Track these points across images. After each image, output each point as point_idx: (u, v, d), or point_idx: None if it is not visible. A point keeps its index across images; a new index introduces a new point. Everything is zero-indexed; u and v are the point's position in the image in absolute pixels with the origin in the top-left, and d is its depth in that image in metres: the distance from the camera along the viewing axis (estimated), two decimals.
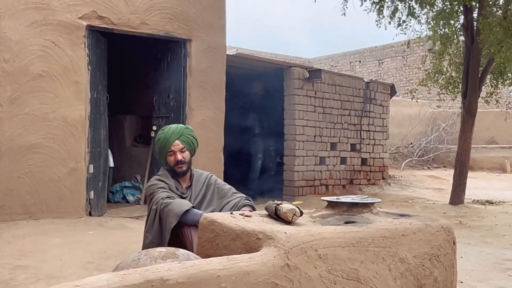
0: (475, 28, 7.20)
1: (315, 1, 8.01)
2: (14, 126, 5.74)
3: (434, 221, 2.62)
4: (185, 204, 3.05)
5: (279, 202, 2.42)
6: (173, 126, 3.41)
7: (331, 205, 2.70)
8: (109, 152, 7.41)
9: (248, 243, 2.17)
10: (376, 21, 8.11)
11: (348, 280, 2.20)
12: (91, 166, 6.30)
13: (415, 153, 17.20)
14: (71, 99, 6.10)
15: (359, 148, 10.16)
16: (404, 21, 7.96)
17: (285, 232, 2.09)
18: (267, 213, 2.47)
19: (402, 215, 2.73)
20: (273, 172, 9.33)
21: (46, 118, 5.92)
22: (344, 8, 7.59)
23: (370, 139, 10.36)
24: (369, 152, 10.37)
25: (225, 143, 7.52)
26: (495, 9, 7.13)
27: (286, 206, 2.34)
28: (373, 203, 2.69)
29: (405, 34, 8.63)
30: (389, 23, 7.99)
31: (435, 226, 2.58)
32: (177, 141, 3.29)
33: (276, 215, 2.39)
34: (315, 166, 9.32)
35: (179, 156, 3.29)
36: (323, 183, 9.46)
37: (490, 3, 7.03)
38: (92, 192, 6.30)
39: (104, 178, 6.80)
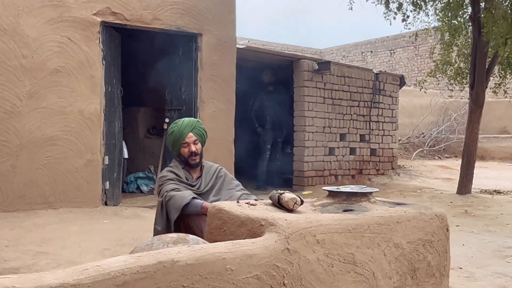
0: (481, 20, 7.27)
1: None
2: (33, 119, 5.98)
3: (428, 210, 2.79)
4: (187, 196, 3.23)
5: (282, 191, 2.60)
6: (186, 119, 3.57)
7: (332, 194, 2.87)
8: (124, 143, 7.64)
9: (252, 229, 2.36)
10: (384, 13, 8.21)
11: (345, 263, 2.38)
12: (106, 157, 6.54)
13: (426, 143, 17.23)
14: (86, 93, 6.32)
15: (368, 138, 10.29)
16: (408, 16, 8.03)
17: (286, 219, 2.27)
18: (271, 202, 2.65)
19: (398, 204, 2.90)
20: (278, 162, 9.51)
21: (63, 111, 6.15)
22: (351, 3, 7.70)
23: (379, 129, 10.47)
24: (378, 143, 10.49)
25: (234, 134, 7.71)
26: (502, 0, 7.18)
27: (288, 195, 2.52)
28: (371, 193, 2.86)
29: (409, 29, 8.68)
30: (394, 18, 8.08)
31: (429, 214, 2.75)
32: (190, 133, 3.46)
33: (279, 204, 2.57)
34: (325, 157, 9.47)
35: (193, 148, 3.46)
36: (333, 173, 9.63)
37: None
38: (107, 183, 6.54)
39: (119, 169, 7.04)
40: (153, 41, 8.29)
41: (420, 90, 10.83)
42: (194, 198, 3.25)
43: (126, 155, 7.96)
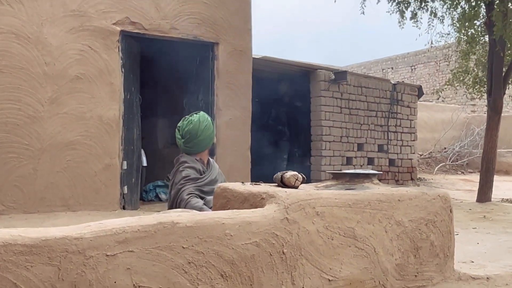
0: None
1: (335, 1, 8.24)
2: (54, 124, 6.18)
3: (431, 190, 2.82)
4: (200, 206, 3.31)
5: (285, 171, 2.67)
6: (202, 113, 3.66)
7: (336, 176, 2.93)
8: (142, 152, 7.80)
9: (255, 203, 2.42)
10: (399, 22, 8.28)
11: (345, 237, 2.42)
12: (125, 162, 6.69)
13: (449, 158, 17.03)
14: (106, 100, 6.51)
15: (387, 149, 10.26)
16: (417, 19, 8.07)
17: (286, 191, 2.34)
18: (276, 184, 2.72)
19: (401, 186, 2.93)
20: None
21: (83, 117, 6.34)
22: (362, 7, 7.81)
23: (397, 140, 10.44)
24: (397, 153, 10.44)
25: (250, 143, 7.80)
26: None
27: (290, 173, 2.59)
28: (374, 174, 2.91)
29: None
30: (408, 19, 8.07)
31: (431, 194, 2.77)
32: None
33: (282, 183, 2.64)
34: (342, 166, 9.47)
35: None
36: None
37: None
38: (125, 187, 6.68)
39: (137, 175, 7.18)
40: (172, 50, 8.49)
41: (438, 99, 10.79)
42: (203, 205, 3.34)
43: (145, 163, 8.11)
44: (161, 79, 9.22)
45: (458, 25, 8.91)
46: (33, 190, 6.02)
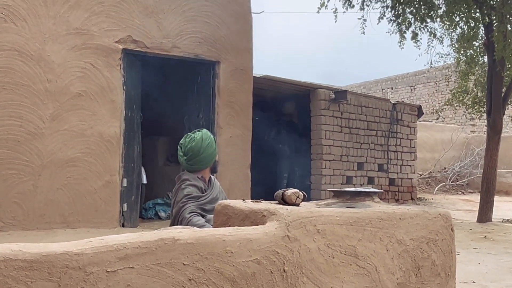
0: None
1: (335, 21, 8.34)
2: (55, 141, 6.19)
3: (432, 209, 2.81)
4: (201, 224, 3.29)
5: (286, 189, 2.67)
6: (205, 131, 3.65)
7: (336, 194, 2.92)
8: (142, 169, 7.79)
9: (255, 220, 2.41)
10: (399, 42, 8.35)
11: (346, 255, 2.41)
12: (125, 180, 6.68)
13: (449, 178, 17.01)
14: (107, 117, 6.54)
15: (387, 168, 10.26)
16: (417, 39, 8.15)
17: (287, 209, 2.34)
18: (277, 201, 2.72)
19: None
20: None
21: (84, 134, 6.36)
22: (363, 27, 7.89)
23: (397, 159, 10.45)
24: (397, 173, 10.44)
25: (251, 161, 7.80)
26: None
27: (290, 190, 2.59)
28: (375, 193, 2.90)
29: (423, 53, 8.77)
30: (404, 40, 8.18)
31: (432, 213, 2.77)
32: None
33: (283, 200, 2.63)
34: (342, 185, 9.46)
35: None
36: None
37: (511, 18, 7.18)
38: (125, 205, 6.66)
39: (137, 193, 7.16)
40: (173, 69, 8.54)
41: (437, 119, 10.83)
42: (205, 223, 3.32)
43: (145, 181, 8.10)
44: (162, 97, 9.26)
45: (457, 46, 9.00)
46: (33, 207, 6.00)
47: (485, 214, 8.10)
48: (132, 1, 6.71)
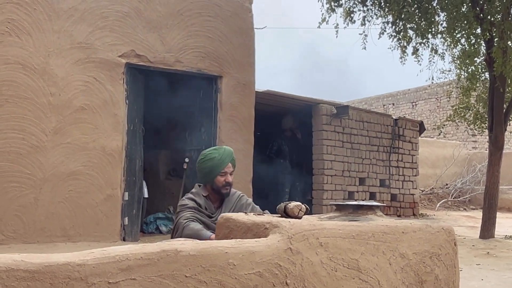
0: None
1: (336, 37, 8.39)
2: (57, 154, 6.20)
3: (435, 223, 2.80)
4: (196, 228, 3.17)
5: (288, 202, 2.66)
6: (226, 148, 3.44)
7: (339, 208, 2.92)
8: (144, 183, 7.79)
9: (258, 233, 2.40)
10: (400, 58, 8.40)
11: (349, 269, 2.40)
12: (126, 193, 6.67)
13: (451, 194, 16.96)
14: (109, 130, 6.55)
15: (389, 183, 10.24)
16: (418, 55, 8.18)
17: (289, 221, 2.33)
18: (279, 214, 2.71)
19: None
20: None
21: (86, 147, 6.37)
22: (364, 42, 7.94)
23: (399, 175, 10.43)
24: (399, 188, 10.42)
25: (252, 176, 7.79)
26: None
27: (293, 203, 2.58)
28: (377, 206, 2.90)
29: (425, 69, 8.81)
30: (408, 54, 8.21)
31: (435, 227, 2.76)
32: (229, 164, 3.36)
33: (285, 213, 2.63)
34: (344, 201, 9.42)
35: (230, 178, 3.35)
36: None
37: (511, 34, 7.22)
38: (126, 219, 6.64)
39: (138, 206, 7.15)
40: (175, 82, 8.58)
41: (439, 135, 10.83)
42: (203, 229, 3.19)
43: (146, 195, 8.09)
44: (165, 111, 9.28)
45: (458, 62, 9.03)
46: (33, 220, 5.99)
47: (487, 230, 8.05)
48: (135, 16, 6.77)
